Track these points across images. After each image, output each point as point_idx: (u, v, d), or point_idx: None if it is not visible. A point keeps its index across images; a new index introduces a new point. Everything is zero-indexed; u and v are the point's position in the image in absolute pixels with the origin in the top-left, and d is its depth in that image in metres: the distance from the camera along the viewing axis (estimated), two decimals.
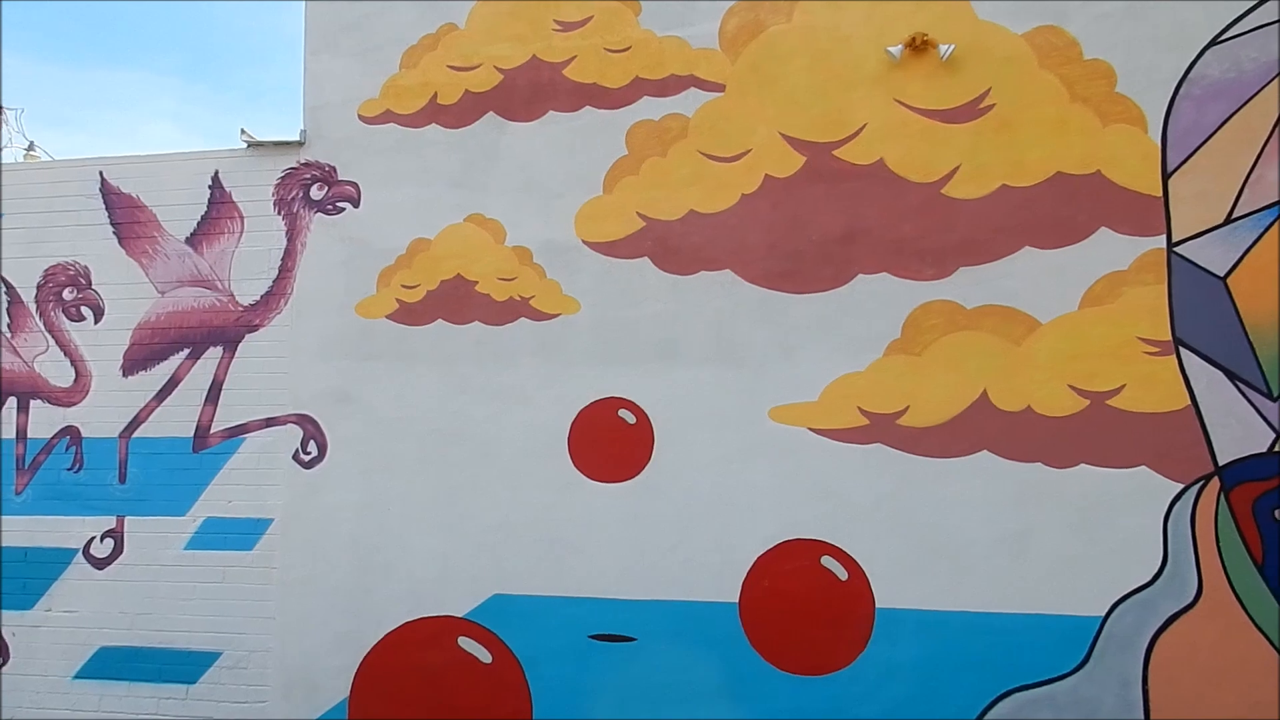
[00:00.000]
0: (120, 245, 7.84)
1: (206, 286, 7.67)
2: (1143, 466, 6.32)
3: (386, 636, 7.12)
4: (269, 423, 7.46)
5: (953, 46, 6.73)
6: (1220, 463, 6.24)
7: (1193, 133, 6.45)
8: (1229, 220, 6.36)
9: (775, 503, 6.74)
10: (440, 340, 7.26)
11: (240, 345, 7.57)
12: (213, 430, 7.53)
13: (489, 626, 7.00)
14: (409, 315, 7.34)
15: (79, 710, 7.50)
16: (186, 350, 7.63)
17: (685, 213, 7.04)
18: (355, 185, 7.53)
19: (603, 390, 7.04)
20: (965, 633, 6.42)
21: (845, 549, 6.64)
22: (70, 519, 7.67)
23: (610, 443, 7.00)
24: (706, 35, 7.13)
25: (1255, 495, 6.19)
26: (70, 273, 7.89)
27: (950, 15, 6.81)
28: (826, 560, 6.66)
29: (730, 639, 6.69)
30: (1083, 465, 6.39)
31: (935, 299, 6.67)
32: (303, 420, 7.41)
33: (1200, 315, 6.34)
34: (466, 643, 7.01)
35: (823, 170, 6.88)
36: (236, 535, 7.39)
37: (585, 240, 7.16)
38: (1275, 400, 6.21)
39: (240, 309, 7.60)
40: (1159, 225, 6.45)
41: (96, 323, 7.81)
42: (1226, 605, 6.16)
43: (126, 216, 7.85)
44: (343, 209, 7.53)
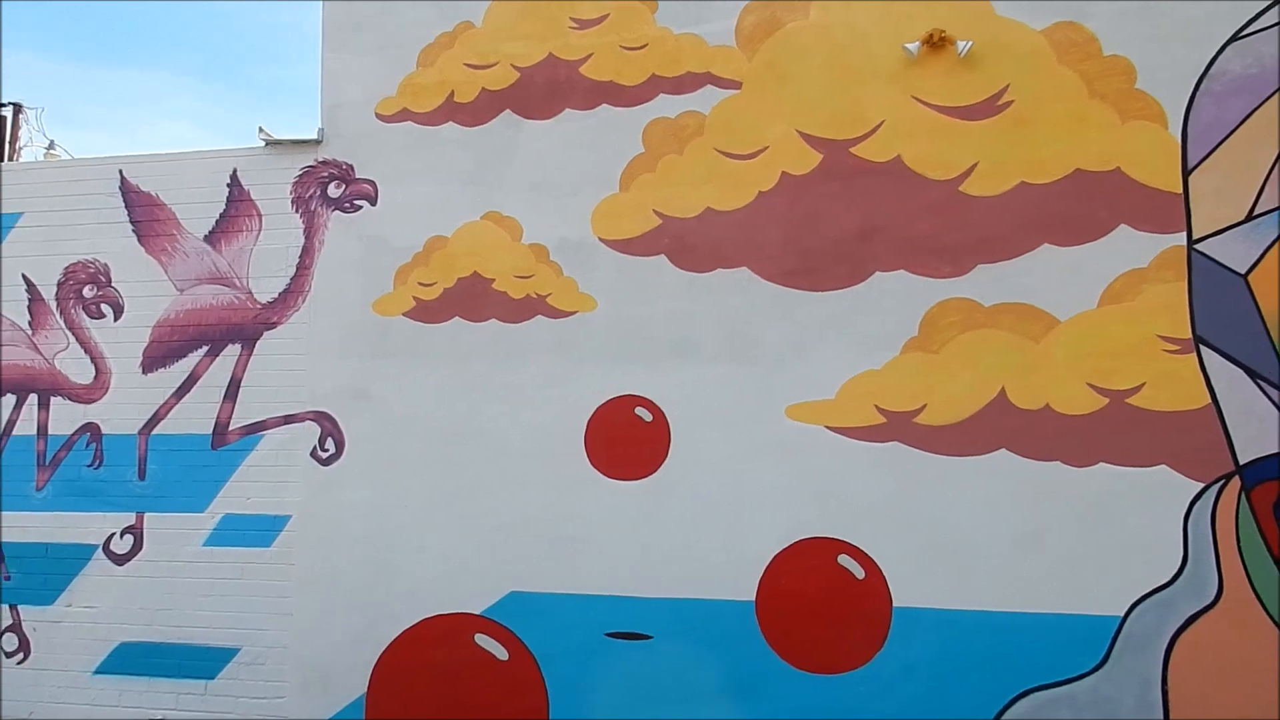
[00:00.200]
0: (140, 243, 7.89)
1: (225, 284, 7.70)
2: (1162, 465, 6.27)
3: (403, 633, 7.14)
4: (287, 420, 7.49)
5: (970, 43, 6.70)
6: (1241, 461, 6.20)
7: (1213, 129, 6.40)
8: (1250, 217, 6.31)
9: (792, 501, 6.73)
10: (457, 338, 7.28)
11: (258, 343, 7.60)
12: (231, 427, 7.57)
13: (505, 624, 7.01)
14: (426, 313, 7.35)
15: (99, 705, 7.55)
16: (205, 347, 7.67)
17: (702, 210, 7.03)
18: (372, 183, 7.55)
19: (619, 388, 7.04)
20: (983, 632, 6.39)
21: (862, 547, 6.62)
22: (90, 515, 7.72)
23: (627, 440, 7.00)
24: (723, 32, 7.12)
25: (1277, 494, 6.14)
26: (90, 270, 7.95)
27: (968, 11, 6.78)
28: (843, 559, 6.64)
29: (747, 637, 6.68)
30: (1102, 464, 6.35)
31: (953, 297, 6.64)
32: (320, 417, 7.44)
33: (1221, 313, 6.29)
34: (483, 640, 7.02)
35: (839, 167, 6.86)
36: (255, 532, 7.43)
37: (602, 238, 7.16)
38: None
39: (258, 306, 7.64)
40: (1179, 222, 6.40)
41: (116, 320, 7.86)
42: (1247, 605, 6.11)
43: (146, 215, 7.90)
44: (360, 207, 7.55)
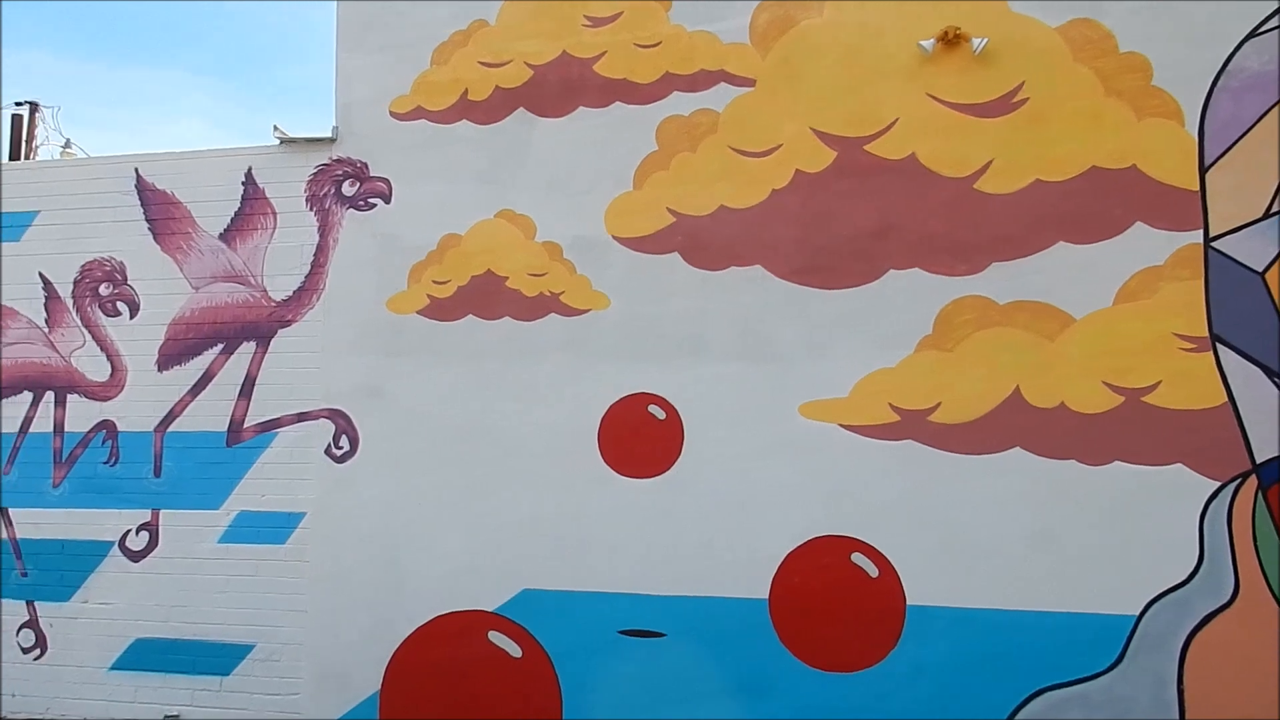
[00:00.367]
0: (155, 241, 7.92)
1: (240, 282, 7.73)
2: (1178, 464, 6.24)
3: (417, 630, 7.16)
4: (301, 417, 7.52)
5: (985, 40, 6.68)
6: (1258, 460, 6.16)
7: (1231, 126, 6.36)
8: (1267, 215, 6.27)
9: (805, 499, 6.72)
10: (470, 336, 7.29)
11: (273, 340, 7.63)
12: (246, 425, 7.59)
13: (519, 621, 7.02)
14: (440, 311, 7.37)
15: (115, 700, 7.59)
16: (220, 345, 7.70)
17: (715, 208, 7.02)
18: (386, 181, 7.57)
19: (632, 386, 7.04)
20: (997, 631, 6.37)
21: (876, 546, 6.61)
22: (106, 512, 7.77)
23: (640, 438, 7.00)
24: (737, 30, 7.10)
25: None
26: (106, 268, 7.98)
27: (983, 9, 6.75)
28: (857, 557, 6.63)
29: (760, 635, 6.67)
30: (1117, 462, 6.33)
31: (967, 294, 6.62)
32: (334, 415, 7.46)
33: (1238, 311, 6.25)
34: (496, 637, 7.03)
35: (853, 165, 6.84)
36: (269, 529, 7.46)
37: (615, 236, 7.16)
38: None
39: (273, 304, 7.66)
40: (1196, 220, 6.37)
41: (132, 318, 7.90)
42: (1263, 604, 6.08)
43: (161, 213, 7.93)
44: (374, 205, 7.57)
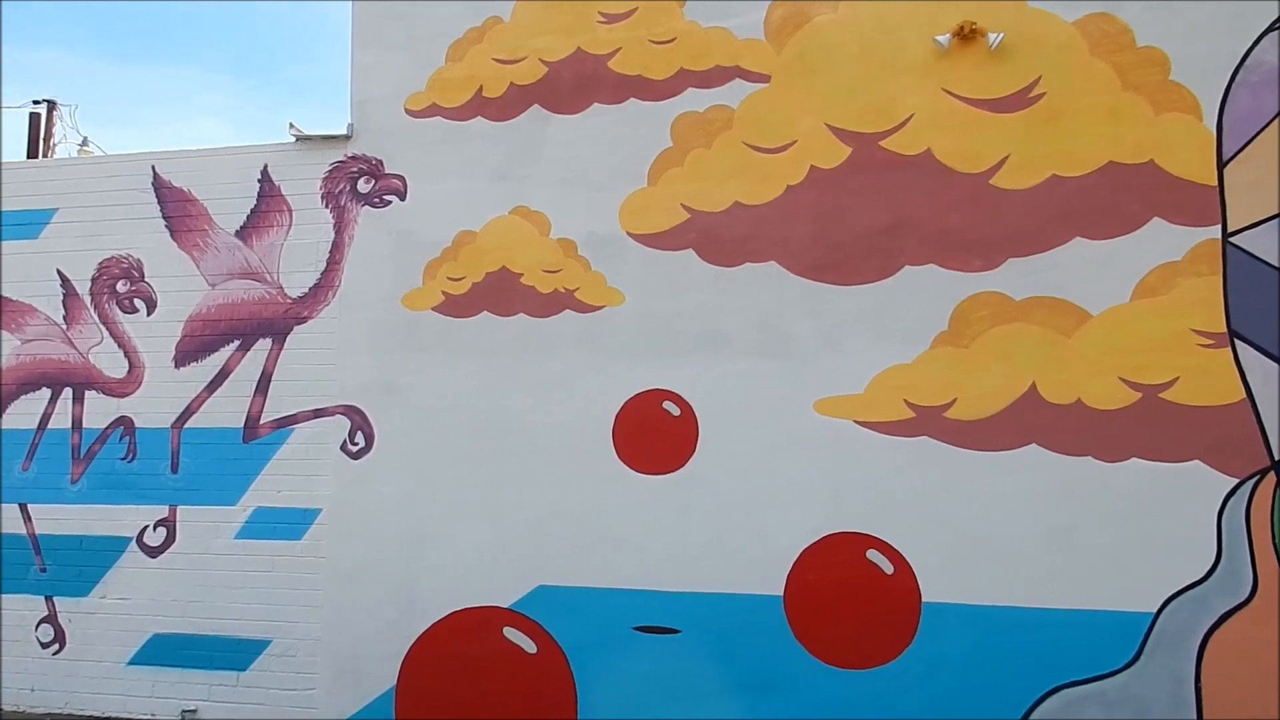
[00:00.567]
0: (172, 238, 7.96)
1: (256, 279, 7.76)
2: (1196, 461, 6.21)
3: (433, 626, 7.18)
4: (317, 414, 7.54)
5: (1002, 35, 6.64)
6: (1276, 457, 6.13)
7: (1249, 120, 6.32)
8: None
9: (820, 496, 6.71)
10: (486, 332, 7.30)
11: (289, 337, 7.65)
12: (262, 421, 7.62)
13: (534, 617, 7.04)
14: (455, 307, 7.38)
15: (133, 695, 7.64)
16: (237, 342, 7.73)
17: (730, 204, 7.02)
18: (402, 178, 7.58)
19: (647, 382, 7.04)
20: (1013, 628, 6.35)
21: (891, 542, 6.60)
22: (124, 508, 7.81)
23: (655, 435, 7.00)
24: (751, 26, 7.09)
25: None
26: (124, 266, 8.02)
27: (999, 4, 6.71)
28: (872, 554, 6.62)
29: (774, 632, 6.67)
30: (1134, 459, 6.30)
31: (983, 290, 6.60)
32: (350, 411, 7.48)
33: (1256, 307, 6.21)
34: (511, 633, 7.05)
35: (869, 161, 6.82)
36: (286, 525, 7.49)
37: (630, 232, 7.16)
38: None
39: (289, 301, 7.69)
40: (1214, 215, 6.33)
41: (149, 315, 7.94)
42: None
43: (178, 210, 7.97)
44: (389, 202, 7.59)
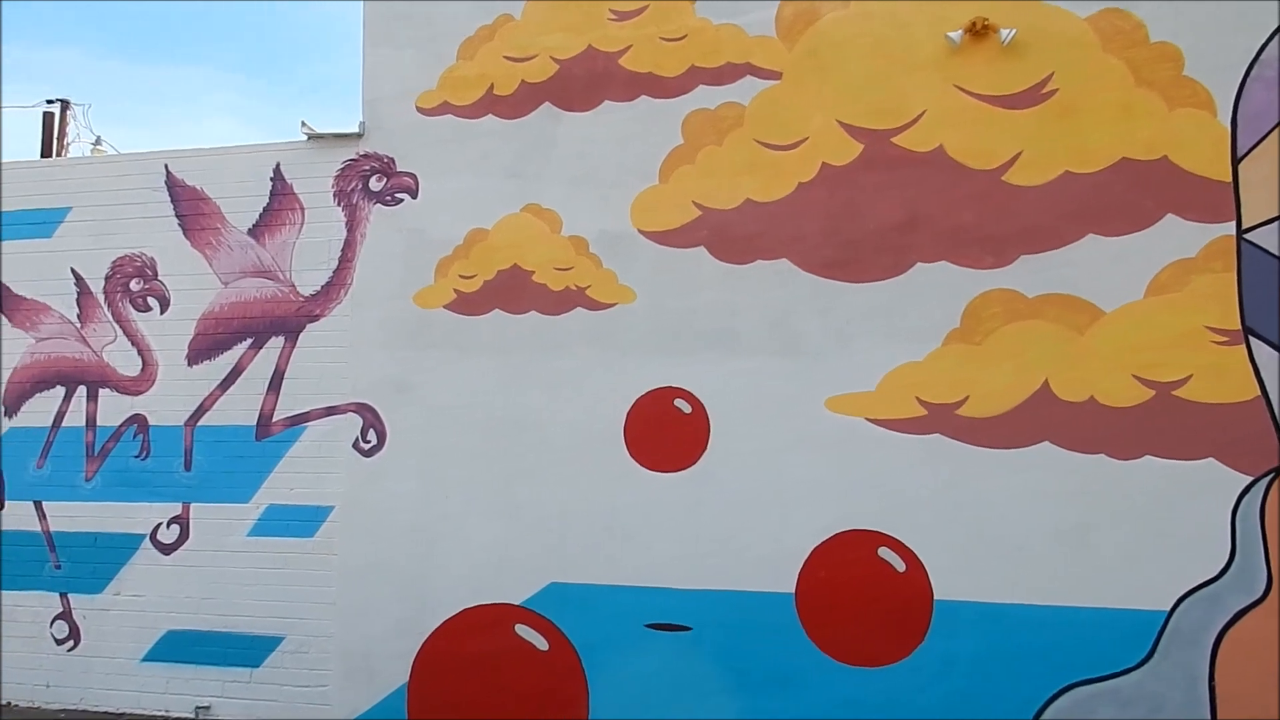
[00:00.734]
0: (185, 237, 7.98)
1: (268, 277, 7.78)
2: (1210, 458, 6.19)
3: (444, 623, 7.20)
4: (329, 411, 7.56)
5: (1014, 31, 6.62)
6: None
7: (1264, 116, 6.28)
8: None
9: (832, 493, 6.70)
10: (497, 330, 7.31)
11: (301, 335, 7.67)
12: (275, 419, 7.65)
13: (545, 614, 7.05)
14: (466, 305, 7.39)
15: (147, 691, 7.68)
16: (249, 340, 7.75)
17: (741, 201, 7.01)
18: (413, 176, 7.59)
19: (658, 380, 7.04)
20: (1026, 626, 6.34)
21: (903, 540, 6.58)
22: (138, 505, 7.85)
23: (666, 432, 7.00)
24: (763, 23, 7.08)
25: None
26: (137, 264, 8.05)
27: (1011, 0, 6.69)
28: (884, 551, 6.61)
29: (786, 629, 6.67)
30: (1148, 457, 6.27)
31: (995, 288, 6.57)
32: (362, 409, 7.50)
33: (1271, 304, 6.18)
34: (523, 630, 7.06)
35: (881, 158, 6.80)
36: (298, 522, 7.51)
37: (641, 229, 7.16)
38: None
39: (301, 299, 7.71)
40: (1228, 211, 6.29)
41: (162, 313, 7.97)
42: None
43: (191, 209, 7.99)
44: (401, 200, 7.60)
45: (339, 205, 7.71)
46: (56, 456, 8.06)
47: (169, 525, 7.78)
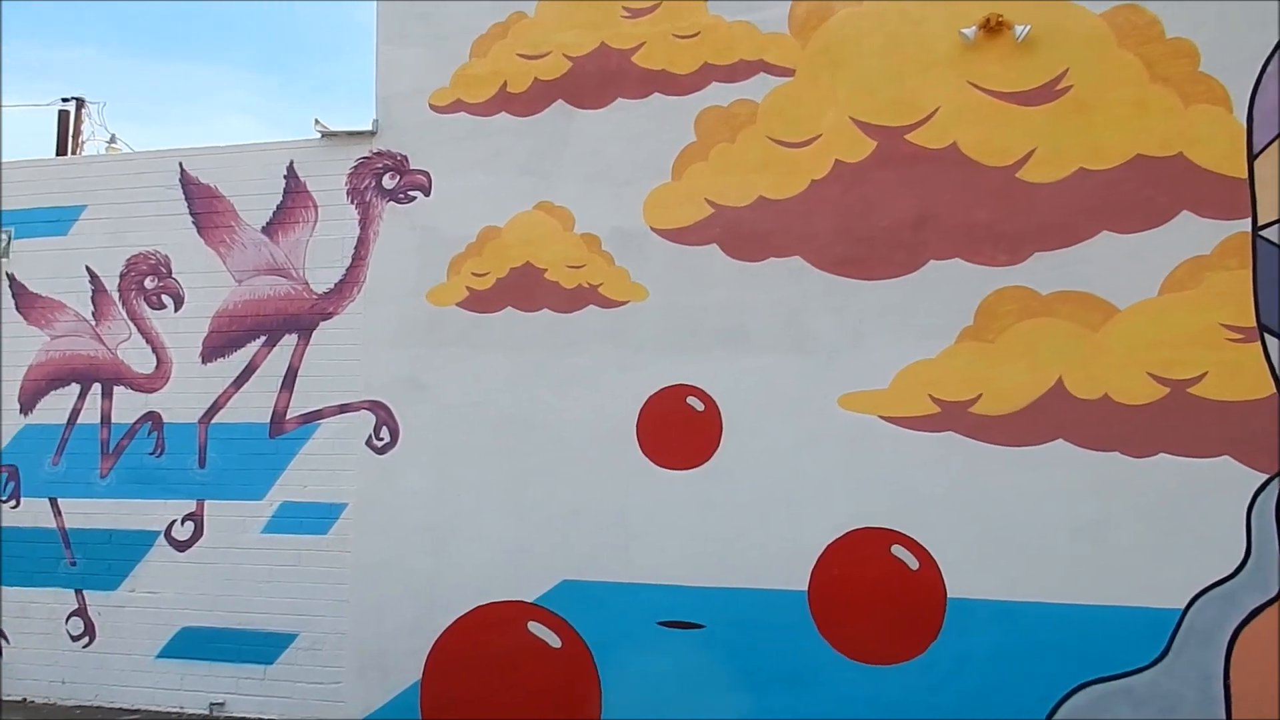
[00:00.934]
0: (199, 235, 8.01)
1: (282, 275, 7.80)
2: (1225, 456, 6.16)
3: (458, 620, 7.21)
4: (343, 409, 7.58)
5: (1028, 27, 6.60)
6: None
7: None
8: None
9: (845, 491, 6.69)
10: (510, 327, 7.32)
11: (314, 333, 7.69)
12: (288, 416, 7.67)
13: (558, 612, 7.05)
14: (479, 303, 7.40)
15: (161, 688, 7.71)
16: (263, 337, 7.78)
17: (754, 199, 7.00)
18: (426, 174, 7.60)
19: (671, 377, 7.04)
20: (1040, 624, 6.32)
21: (916, 538, 6.57)
22: (152, 502, 7.87)
23: (678, 430, 7.00)
24: (776, 19, 7.07)
25: None
26: (151, 262, 8.08)
27: None
28: (896, 549, 6.60)
29: (799, 627, 6.66)
30: (1162, 454, 6.25)
31: (1009, 285, 6.56)
32: (375, 406, 7.52)
33: None
34: (536, 628, 7.07)
35: (894, 155, 6.79)
36: (312, 519, 7.53)
37: (654, 227, 7.15)
38: None
39: (315, 297, 7.73)
40: (1243, 208, 6.27)
41: (177, 311, 8.00)
42: None
43: (205, 206, 8.02)
44: (414, 197, 7.61)
45: (352, 203, 7.72)
46: (71, 453, 8.10)
47: (183, 522, 7.81)
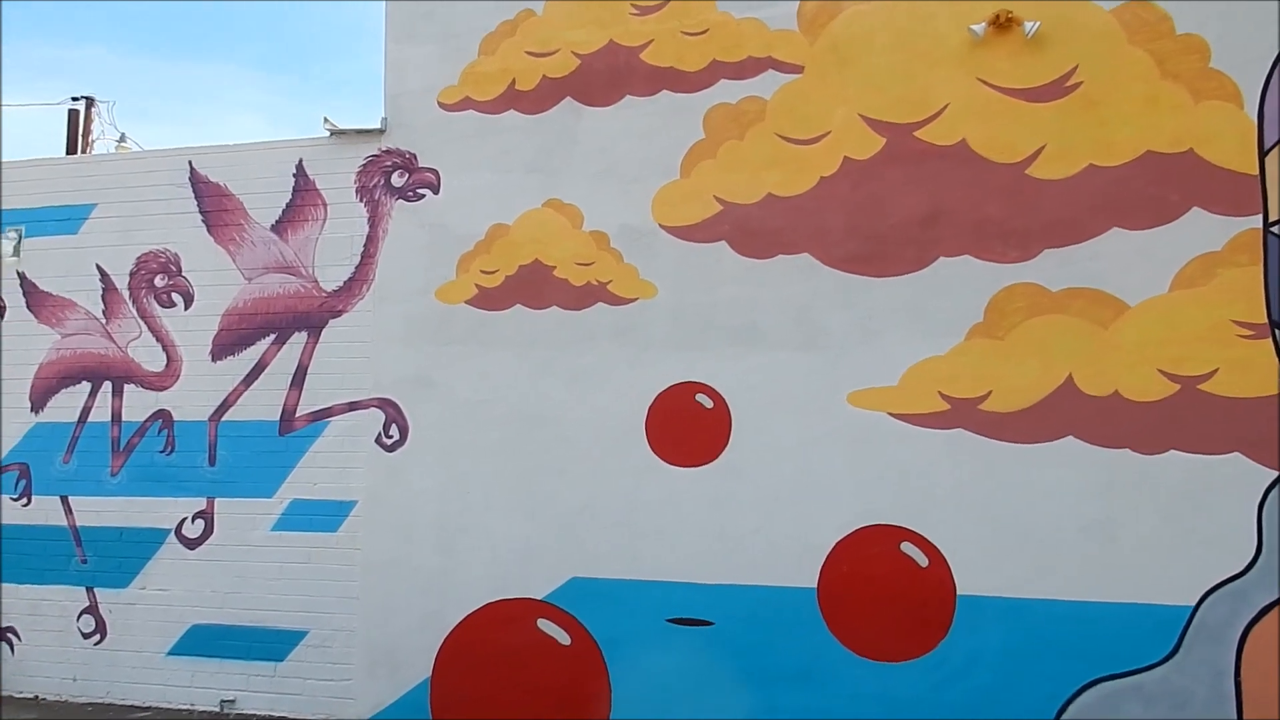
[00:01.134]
0: (209, 233, 8.03)
1: (291, 273, 7.82)
2: (1236, 453, 6.14)
3: (467, 617, 7.22)
4: (352, 407, 7.59)
5: (1038, 24, 6.58)
6: None
7: None
8: None
9: (854, 488, 6.69)
10: (519, 325, 7.32)
11: (324, 330, 7.71)
12: (298, 414, 7.68)
13: (568, 609, 7.06)
14: (488, 300, 7.40)
15: (172, 685, 7.73)
16: (272, 335, 7.79)
17: (763, 196, 6.99)
18: (435, 172, 7.61)
19: (680, 375, 7.04)
20: (1050, 621, 6.31)
21: (925, 535, 6.56)
22: (163, 500, 7.90)
23: (688, 427, 7.00)
24: (785, 16, 7.06)
25: None
26: (161, 260, 8.10)
27: None
28: (906, 546, 6.59)
29: (808, 624, 6.66)
30: (1173, 451, 6.23)
31: (1019, 282, 6.54)
32: (385, 404, 7.53)
33: None
34: (545, 624, 7.07)
35: (903, 151, 6.78)
36: (322, 517, 7.55)
37: (663, 224, 7.15)
38: None
39: (324, 295, 7.74)
40: (1254, 204, 6.25)
41: (187, 309, 8.02)
42: None
43: (214, 205, 8.04)
44: (423, 195, 7.62)
45: (361, 201, 7.74)
46: (82, 452, 8.13)
47: (194, 520, 7.83)
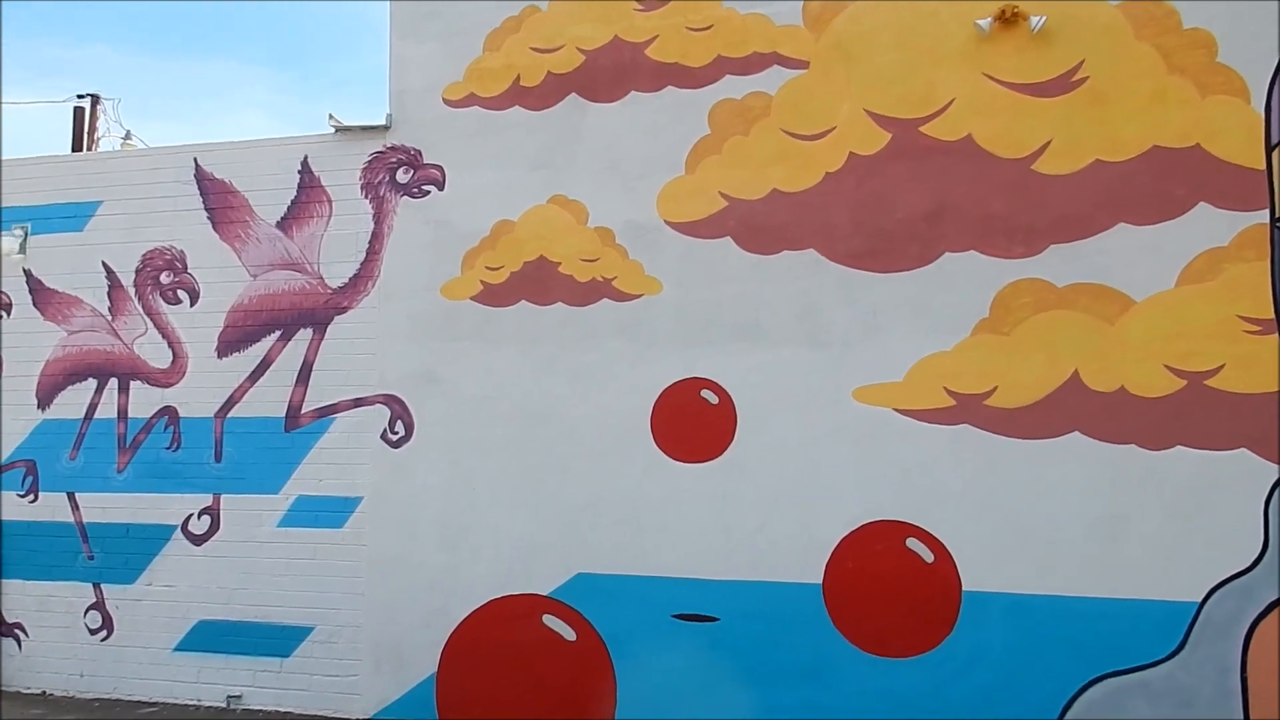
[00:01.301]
0: (214, 230, 8.04)
1: (297, 269, 7.82)
2: (1242, 449, 6.12)
3: (473, 613, 7.23)
4: (358, 403, 7.60)
5: (1044, 18, 6.56)
6: None
7: None
8: None
9: (859, 484, 6.68)
10: (524, 321, 7.32)
11: (329, 327, 7.72)
12: (304, 410, 7.69)
13: (573, 605, 7.06)
14: (493, 296, 7.40)
15: (179, 681, 7.76)
16: (278, 332, 7.80)
17: (768, 192, 6.99)
18: (440, 168, 7.61)
19: (685, 371, 7.04)
20: (1055, 617, 6.30)
21: (931, 531, 6.56)
22: (169, 496, 7.92)
23: (693, 423, 7.00)
24: (790, 12, 7.05)
25: None
26: (167, 257, 8.12)
27: None
28: (911, 542, 6.59)
29: (813, 620, 6.66)
30: (1179, 447, 6.22)
31: (1025, 277, 6.53)
32: (390, 400, 7.54)
33: None
34: (551, 620, 7.08)
35: (909, 147, 6.77)
36: (327, 513, 7.56)
37: (668, 220, 7.15)
38: None
39: (329, 291, 7.75)
40: (1261, 199, 6.22)
41: (192, 305, 8.03)
42: None
43: (220, 202, 8.05)
44: (428, 192, 7.62)
45: (366, 197, 7.74)
46: (89, 448, 8.15)
47: (200, 516, 7.85)
